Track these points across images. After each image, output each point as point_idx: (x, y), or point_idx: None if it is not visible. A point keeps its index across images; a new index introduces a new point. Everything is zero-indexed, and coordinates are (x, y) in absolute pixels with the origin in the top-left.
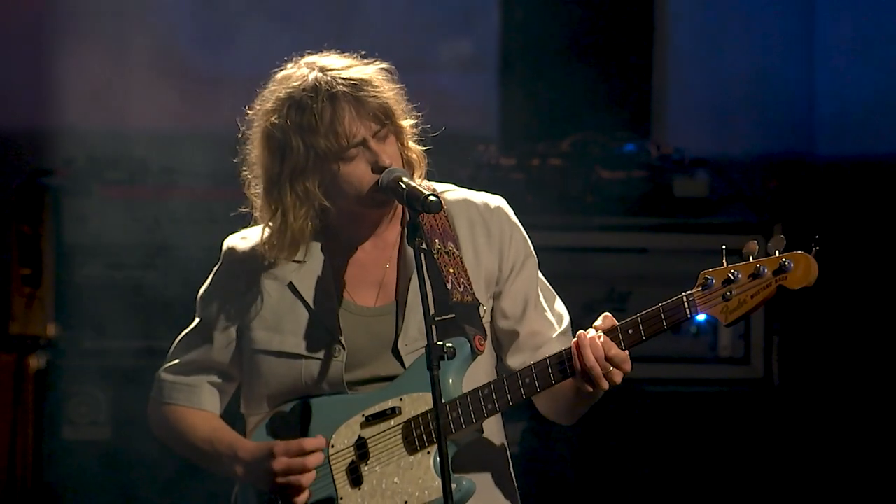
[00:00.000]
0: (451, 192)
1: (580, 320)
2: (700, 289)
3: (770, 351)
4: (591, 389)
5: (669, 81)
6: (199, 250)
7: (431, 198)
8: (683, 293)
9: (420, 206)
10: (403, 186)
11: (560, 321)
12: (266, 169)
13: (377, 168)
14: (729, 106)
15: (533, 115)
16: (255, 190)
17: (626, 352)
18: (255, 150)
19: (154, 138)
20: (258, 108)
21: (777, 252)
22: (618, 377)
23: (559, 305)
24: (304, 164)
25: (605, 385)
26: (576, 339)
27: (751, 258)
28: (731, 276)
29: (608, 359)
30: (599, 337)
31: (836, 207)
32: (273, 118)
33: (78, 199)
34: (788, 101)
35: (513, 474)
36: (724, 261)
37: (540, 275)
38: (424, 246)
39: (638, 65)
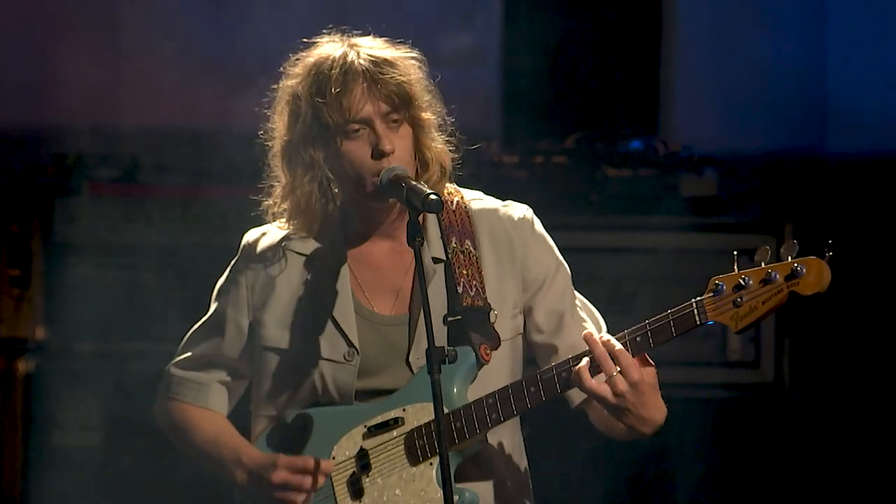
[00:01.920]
0: (477, 202)
1: None
2: (710, 295)
3: (781, 354)
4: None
5: (677, 76)
6: (194, 250)
7: (432, 196)
8: (693, 300)
9: (420, 204)
10: (403, 184)
11: (600, 330)
12: (281, 134)
13: (377, 153)
14: (739, 102)
15: (536, 112)
16: (274, 158)
17: (634, 358)
18: (275, 116)
19: (146, 134)
20: (287, 73)
21: (789, 257)
22: (621, 385)
23: (595, 313)
24: (310, 133)
25: (610, 395)
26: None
27: (762, 264)
28: (741, 281)
29: (612, 356)
30: (609, 340)
31: (849, 206)
32: (293, 82)
33: (68, 198)
34: (800, 97)
35: (530, 484)
36: (734, 266)
37: (568, 280)
38: (442, 255)
39: (644, 59)
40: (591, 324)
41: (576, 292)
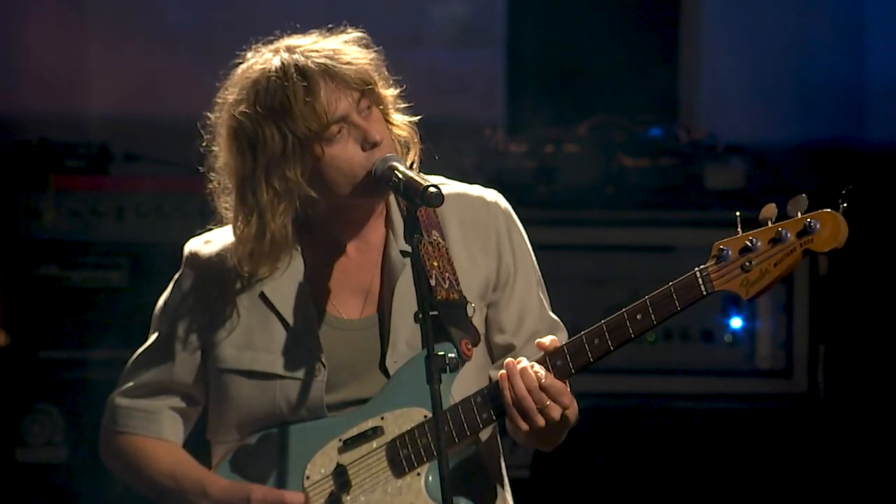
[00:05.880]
0: (443, 188)
1: None
2: (714, 261)
3: (815, 362)
4: (525, 427)
5: (701, 57)
6: (169, 248)
7: (432, 189)
8: (696, 268)
9: (419, 198)
10: (399, 176)
11: (554, 330)
12: (236, 169)
13: (367, 145)
14: (768, 84)
15: (545, 96)
16: (226, 201)
17: (564, 383)
18: (221, 153)
19: (117, 122)
20: (221, 103)
21: (799, 213)
22: (555, 412)
23: (550, 311)
24: (282, 153)
25: (541, 422)
26: (504, 369)
27: (769, 223)
28: (749, 243)
29: (542, 388)
30: (532, 367)
31: (888, 199)
32: (239, 109)
33: (31, 190)
34: (836, 79)
35: (505, 473)
36: (739, 228)
37: (536, 272)
38: (408, 248)
39: (665, 38)
40: (549, 324)
41: (540, 280)
